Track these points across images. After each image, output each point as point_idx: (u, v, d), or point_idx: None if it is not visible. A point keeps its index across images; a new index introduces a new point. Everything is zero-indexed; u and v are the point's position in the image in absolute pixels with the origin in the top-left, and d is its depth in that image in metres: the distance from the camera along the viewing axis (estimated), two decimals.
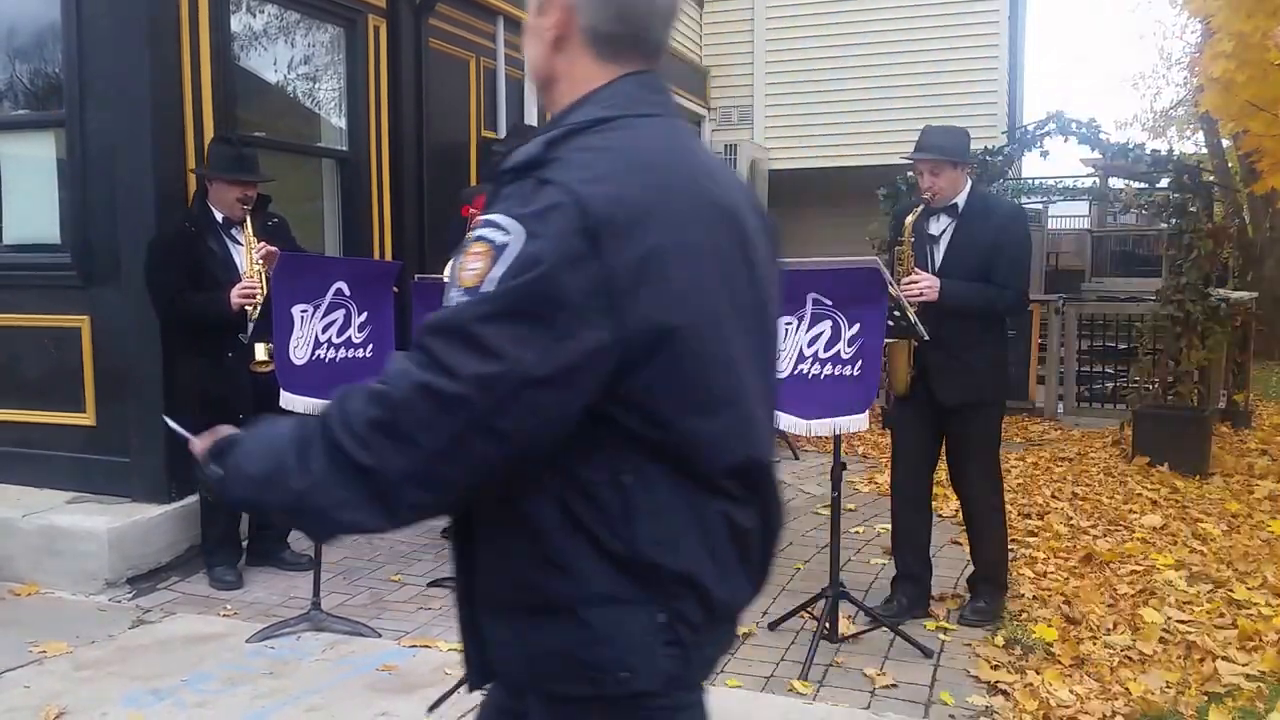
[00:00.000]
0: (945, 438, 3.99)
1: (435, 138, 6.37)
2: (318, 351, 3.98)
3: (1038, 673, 3.48)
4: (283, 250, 4.23)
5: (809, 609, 3.88)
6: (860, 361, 3.56)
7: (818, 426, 3.64)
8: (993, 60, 10.52)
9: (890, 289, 3.51)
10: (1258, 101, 6.46)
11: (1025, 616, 4.01)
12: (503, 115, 7.20)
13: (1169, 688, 3.37)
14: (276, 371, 3.92)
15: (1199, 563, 4.75)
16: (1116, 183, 10.43)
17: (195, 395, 4.30)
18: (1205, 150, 16.77)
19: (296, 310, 3.93)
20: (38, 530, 4.39)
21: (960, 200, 3.88)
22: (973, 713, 3.25)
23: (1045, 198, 10.26)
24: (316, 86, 5.80)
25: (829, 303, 3.62)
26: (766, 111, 11.07)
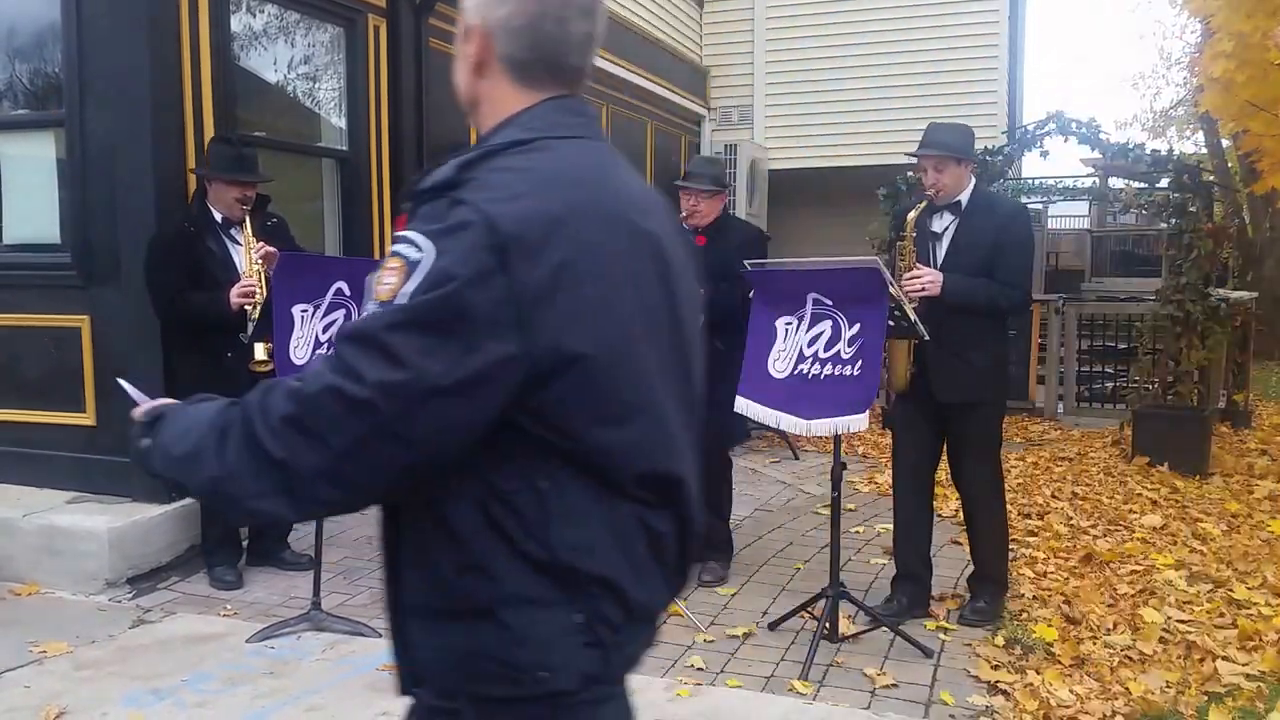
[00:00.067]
0: (946, 437, 3.99)
1: (435, 138, 6.36)
2: (318, 351, 3.98)
3: (1038, 672, 3.48)
4: (282, 250, 4.23)
5: (809, 609, 3.88)
6: (860, 361, 3.56)
7: (818, 426, 3.64)
8: (992, 60, 10.52)
9: (890, 289, 3.51)
10: (1258, 101, 6.46)
11: (1025, 616, 4.01)
12: None
13: (1169, 687, 3.37)
14: (276, 371, 3.92)
15: (1199, 562, 4.75)
16: (1116, 183, 10.43)
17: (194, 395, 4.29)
18: (1205, 150, 16.78)
19: (297, 310, 3.94)
20: (38, 530, 4.40)
21: (964, 198, 3.88)
22: (973, 713, 3.25)
23: (1045, 198, 10.25)
24: (316, 86, 5.80)
25: (829, 302, 3.62)
26: (766, 111, 11.06)
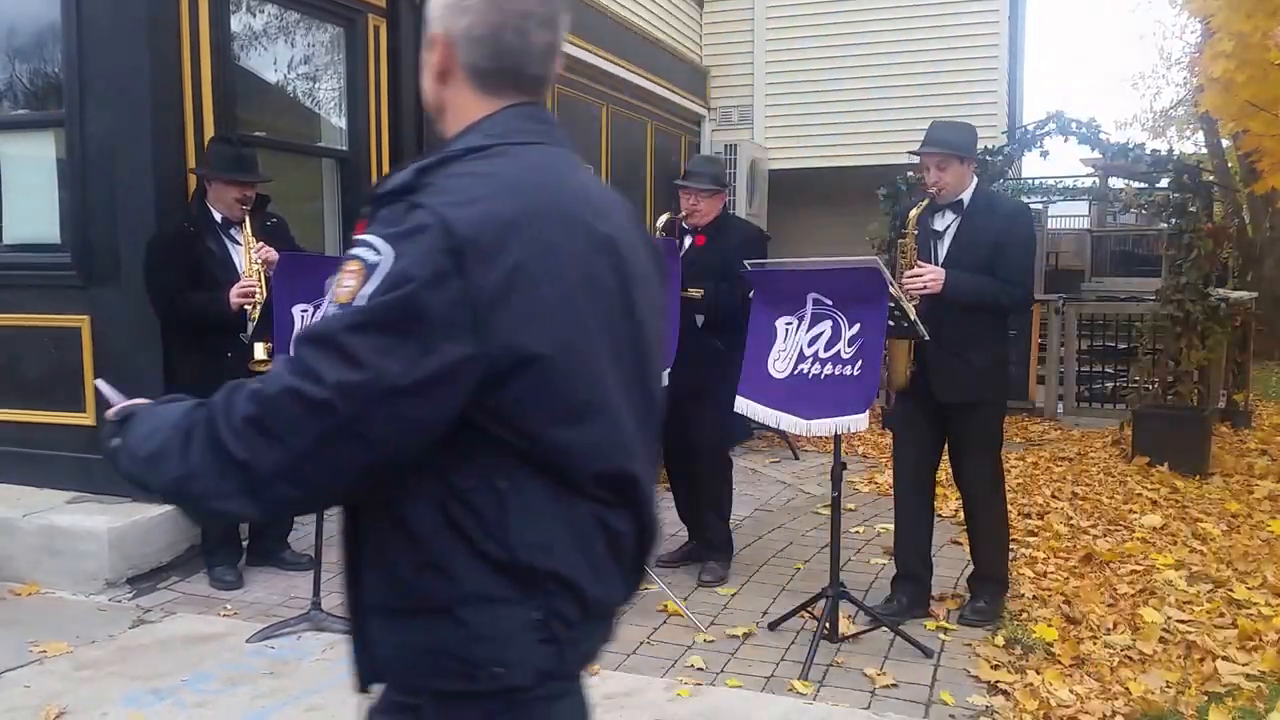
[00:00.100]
0: (947, 436, 3.99)
1: (435, 138, 6.32)
2: None
3: (1038, 672, 3.48)
4: (282, 250, 4.23)
5: (809, 609, 3.88)
6: (860, 361, 3.56)
7: (818, 426, 3.64)
8: (992, 60, 10.51)
9: (890, 289, 3.51)
10: (1258, 101, 6.46)
11: (1025, 616, 4.01)
12: None
13: (1169, 687, 3.37)
14: None
15: (1199, 562, 4.75)
16: (1116, 182, 10.43)
17: (195, 395, 4.29)
18: (1205, 150, 16.78)
19: (296, 310, 3.94)
20: (38, 530, 4.40)
21: (965, 197, 3.88)
22: (973, 712, 3.25)
23: (1045, 198, 10.25)
24: (316, 86, 5.80)
25: (829, 302, 3.62)
26: (767, 111, 11.06)
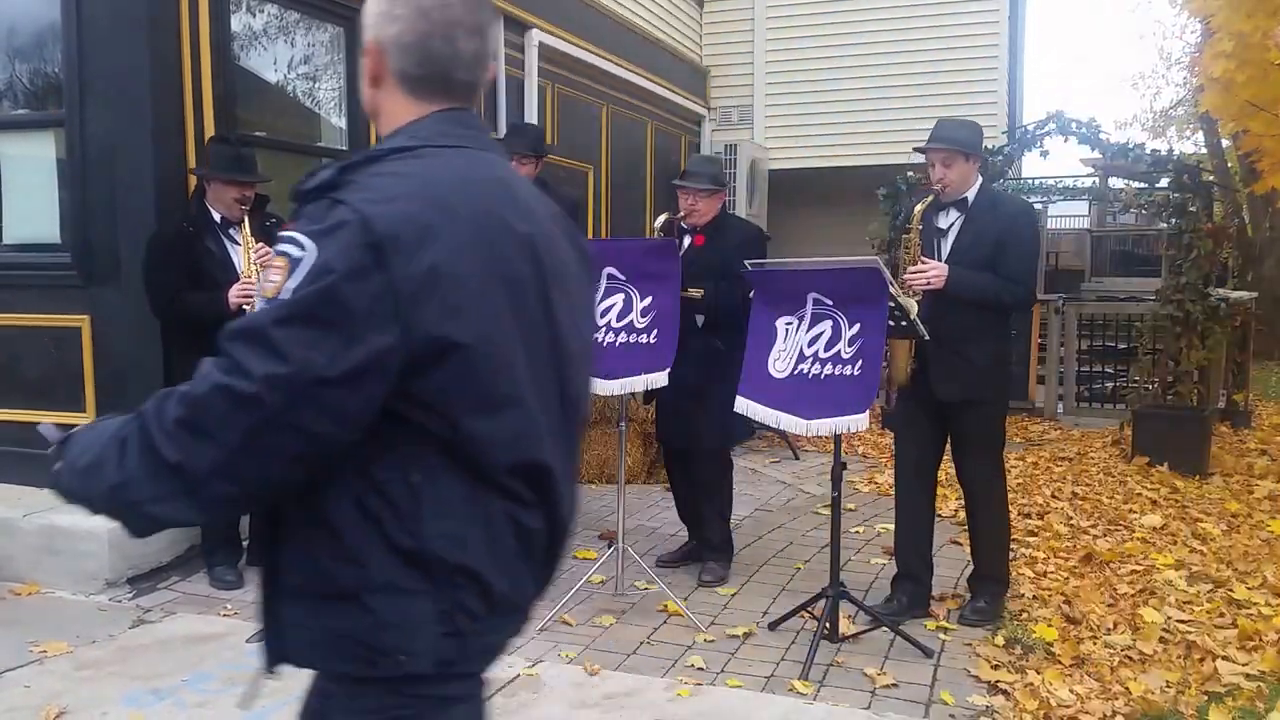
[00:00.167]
0: (948, 435, 3.99)
1: None
2: None
3: (1038, 672, 3.48)
4: None
5: (809, 609, 3.88)
6: (860, 361, 3.55)
7: (818, 426, 3.64)
8: (993, 60, 10.51)
9: (891, 288, 3.51)
10: (1258, 101, 6.46)
11: (1025, 616, 4.01)
12: (502, 114, 7.19)
13: (1169, 687, 3.37)
14: None
15: (1199, 562, 4.75)
16: (1116, 182, 10.45)
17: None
18: (1205, 150, 16.79)
19: None
20: (38, 530, 4.39)
21: (970, 195, 3.88)
22: (973, 712, 3.25)
23: (1045, 197, 10.25)
24: (316, 86, 5.80)
25: (829, 302, 3.62)
26: (767, 111, 11.06)
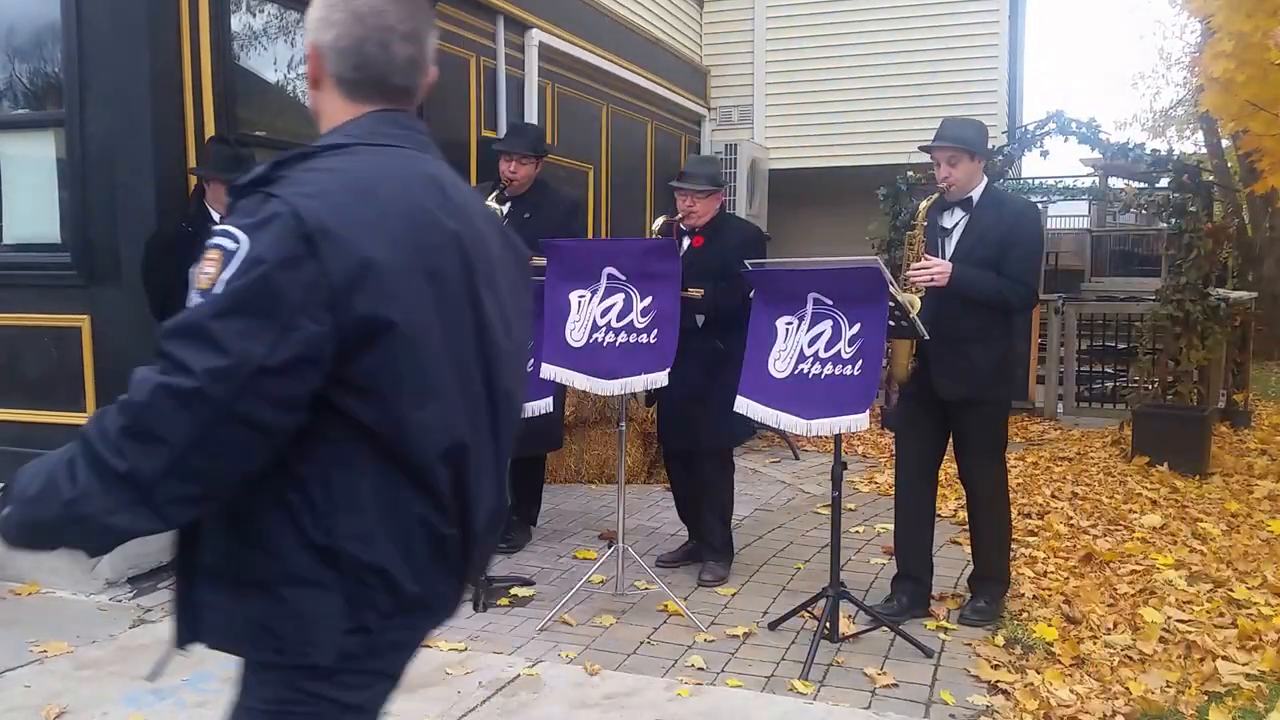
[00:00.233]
0: (951, 435, 3.99)
1: (435, 136, 6.29)
2: None
3: (1038, 672, 3.48)
4: None
5: (809, 609, 3.88)
6: (861, 361, 3.55)
7: (818, 426, 3.63)
8: (993, 60, 10.52)
9: (891, 288, 3.51)
10: (1258, 101, 6.46)
11: (1025, 616, 4.01)
12: (503, 114, 7.19)
13: (1169, 687, 3.37)
14: None
15: (1199, 562, 4.75)
16: (1116, 182, 10.45)
17: None
18: (1204, 150, 16.79)
19: None
20: None
21: (975, 194, 3.88)
22: (973, 712, 3.25)
23: (1045, 197, 10.25)
24: None
25: (829, 302, 3.62)
26: (767, 111, 11.06)
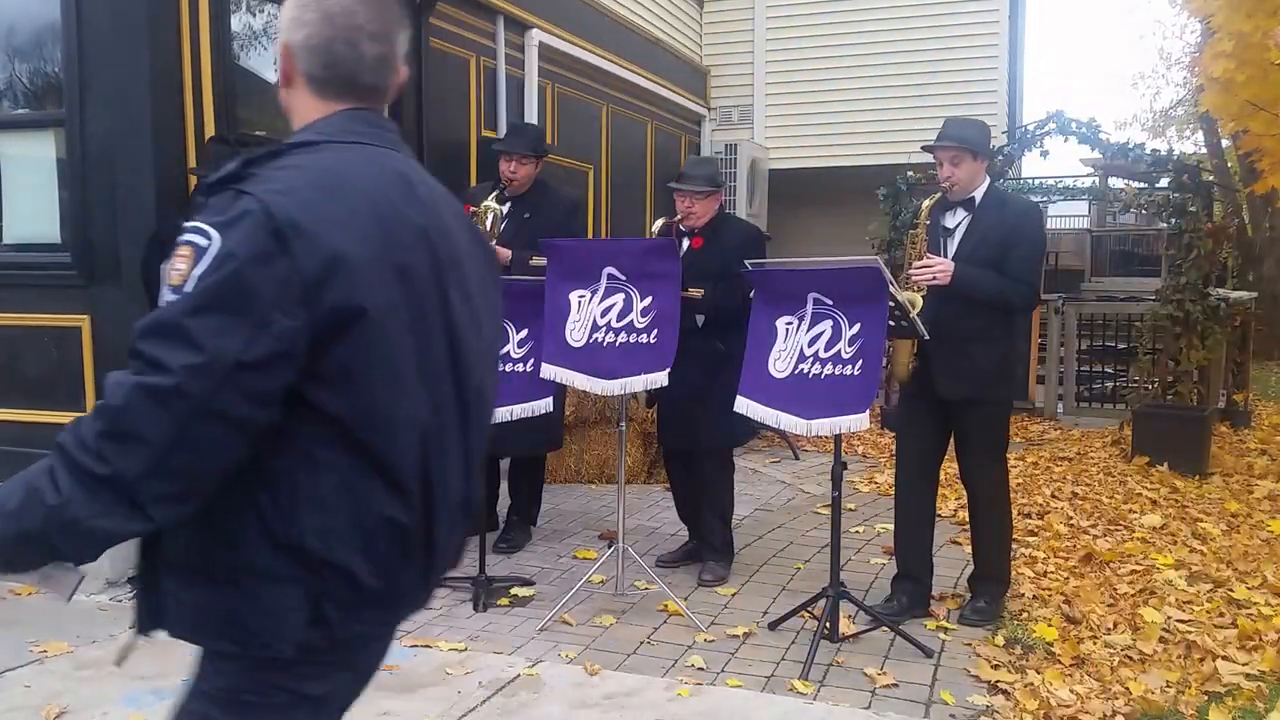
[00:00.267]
0: (952, 435, 3.99)
1: (435, 136, 6.36)
2: None
3: (1038, 672, 3.48)
4: None
5: (809, 609, 3.88)
6: (861, 361, 3.55)
7: (818, 426, 3.63)
8: (993, 60, 10.52)
9: (891, 288, 3.51)
10: (1258, 101, 6.46)
11: (1025, 616, 4.01)
12: (502, 114, 7.19)
13: (1169, 687, 3.37)
14: None
15: (1199, 562, 4.75)
16: (1116, 182, 10.45)
17: None
18: (1204, 150, 16.79)
19: None
20: None
21: (978, 195, 3.88)
22: (973, 712, 3.25)
23: (1045, 197, 10.26)
24: None
25: (830, 302, 3.62)
26: (767, 111, 11.06)
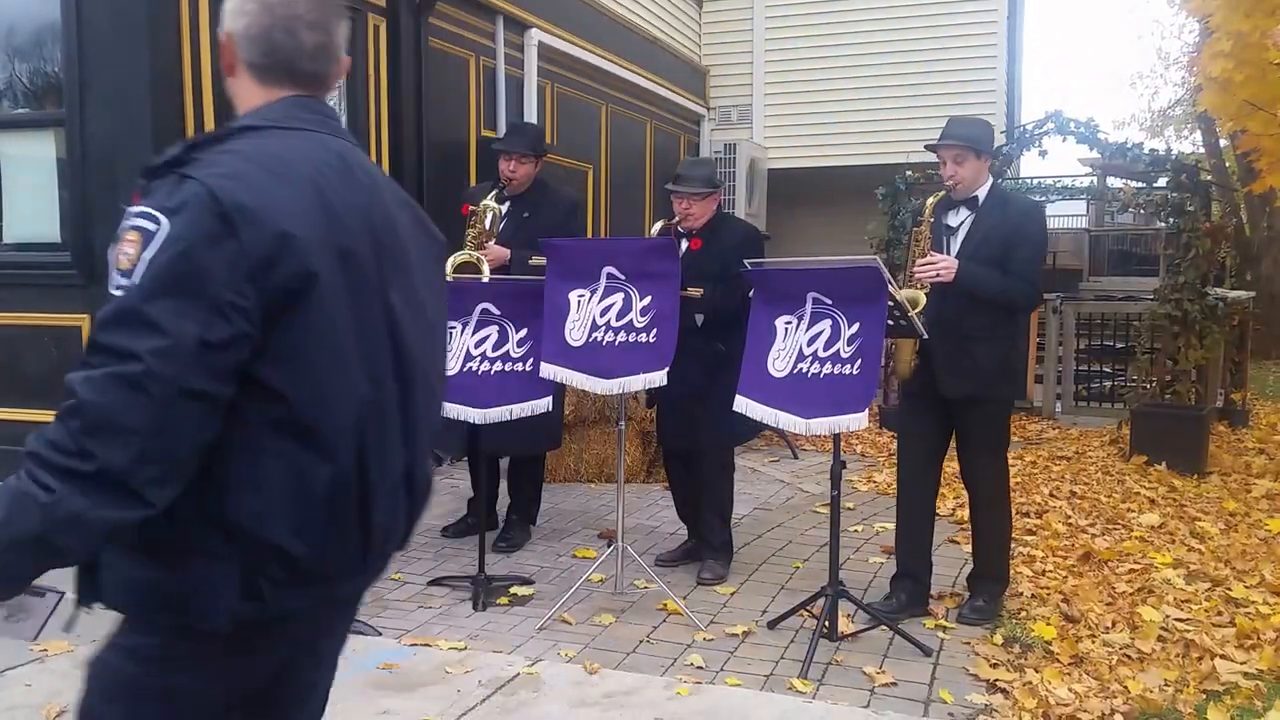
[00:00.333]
0: (954, 434, 3.99)
1: (435, 136, 6.37)
2: None
3: (1036, 671, 3.49)
4: None
5: (808, 608, 3.89)
6: (860, 360, 3.56)
7: (817, 425, 3.64)
8: (991, 60, 10.54)
9: (890, 288, 3.52)
10: (1256, 101, 6.47)
11: (1024, 615, 4.02)
12: (502, 113, 7.20)
13: (1167, 686, 3.38)
14: None
15: (1197, 561, 4.76)
16: (1114, 182, 10.46)
17: None
18: (1202, 149, 16.81)
19: None
20: None
21: (981, 194, 3.89)
22: (972, 711, 3.26)
23: (1043, 197, 10.26)
24: None
25: (829, 301, 3.63)
26: (766, 111, 11.08)
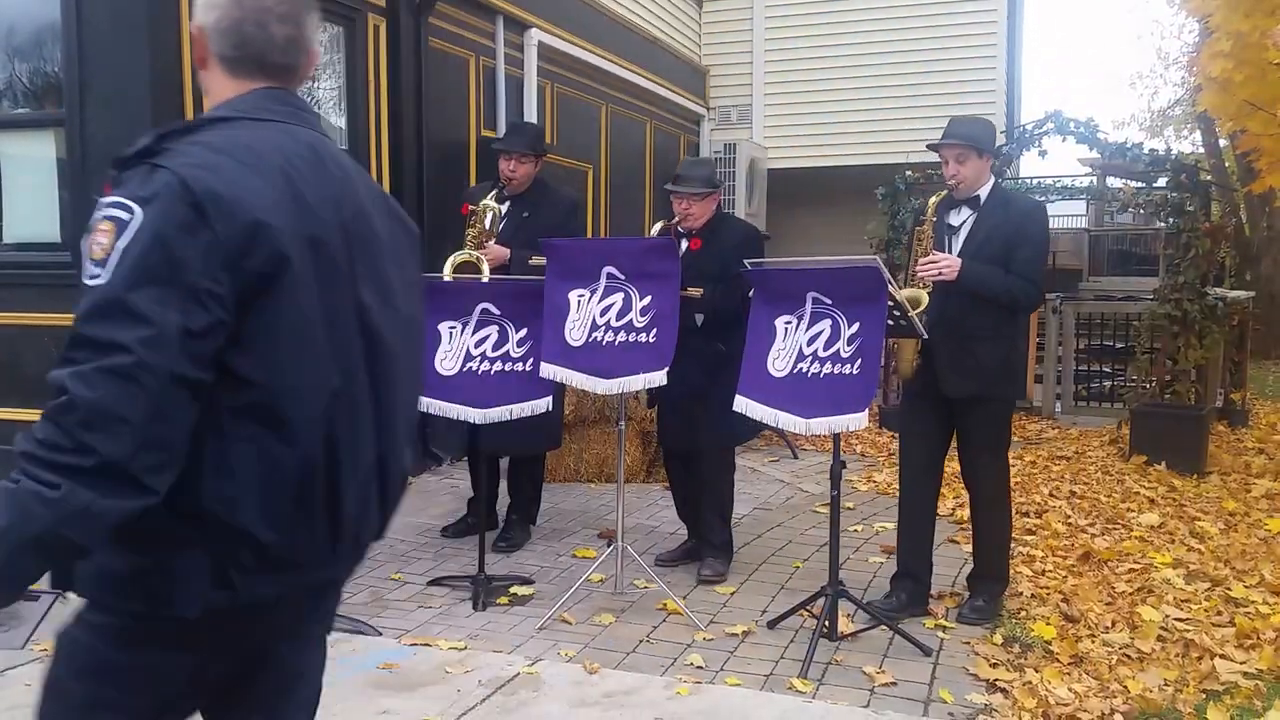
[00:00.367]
0: (955, 433, 3.99)
1: (435, 136, 6.37)
2: None
3: (1036, 671, 3.49)
4: None
5: (808, 607, 3.89)
6: (860, 360, 3.56)
7: (816, 425, 3.64)
8: (991, 60, 10.55)
9: (890, 288, 3.52)
10: (1256, 101, 6.47)
11: (1024, 614, 4.02)
12: (502, 113, 7.20)
13: (1167, 685, 3.38)
14: None
15: (1196, 561, 4.76)
16: (1114, 182, 10.46)
17: None
18: (1202, 149, 16.82)
19: None
20: None
21: (983, 193, 3.89)
22: (972, 710, 3.26)
23: (1043, 197, 10.27)
24: (316, 86, 5.80)
25: (829, 301, 3.63)
26: (765, 111, 11.08)
